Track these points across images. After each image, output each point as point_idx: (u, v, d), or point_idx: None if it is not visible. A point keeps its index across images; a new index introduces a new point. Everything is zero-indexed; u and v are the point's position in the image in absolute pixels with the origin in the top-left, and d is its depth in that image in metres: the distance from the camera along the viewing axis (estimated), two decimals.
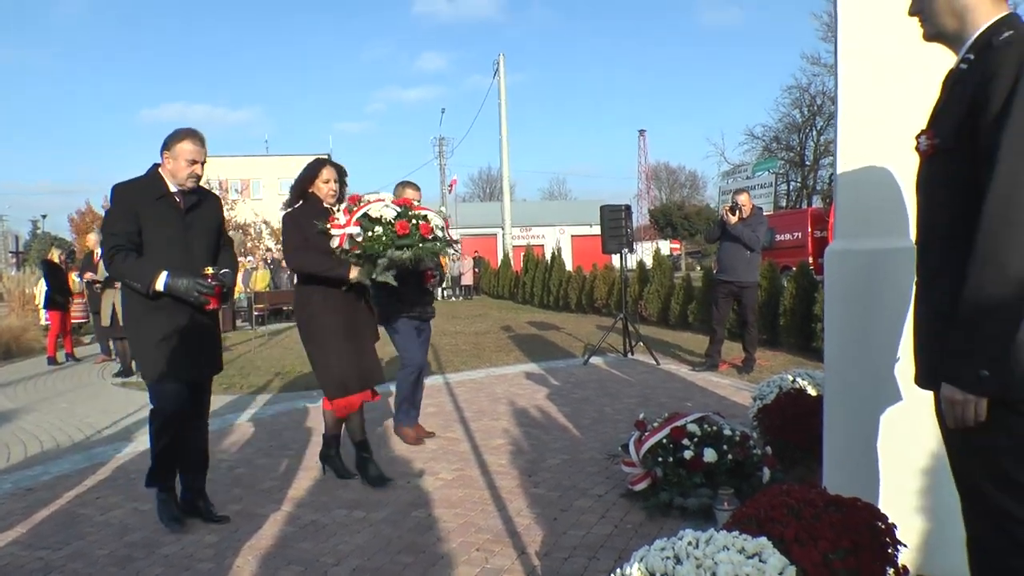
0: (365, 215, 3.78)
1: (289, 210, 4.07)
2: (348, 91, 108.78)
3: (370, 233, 3.73)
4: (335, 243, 3.83)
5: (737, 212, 7.39)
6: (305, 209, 3.98)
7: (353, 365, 3.93)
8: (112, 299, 8.79)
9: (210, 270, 3.36)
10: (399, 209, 3.86)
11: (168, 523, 3.40)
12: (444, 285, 26.36)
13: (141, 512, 3.65)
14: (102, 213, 34.08)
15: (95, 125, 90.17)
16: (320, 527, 3.40)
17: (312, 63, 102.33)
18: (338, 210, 3.91)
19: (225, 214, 3.93)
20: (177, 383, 3.36)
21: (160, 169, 3.42)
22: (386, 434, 5.20)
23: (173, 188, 3.39)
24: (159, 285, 3.22)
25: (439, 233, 4.00)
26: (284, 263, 19.44)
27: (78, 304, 10.99)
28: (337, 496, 3.84)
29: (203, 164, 3.46)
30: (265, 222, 37.21)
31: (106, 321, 8.91)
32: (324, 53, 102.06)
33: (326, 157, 4.16)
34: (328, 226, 3.84)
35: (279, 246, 33.40)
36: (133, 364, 8.83)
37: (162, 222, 3.35)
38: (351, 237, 3.77)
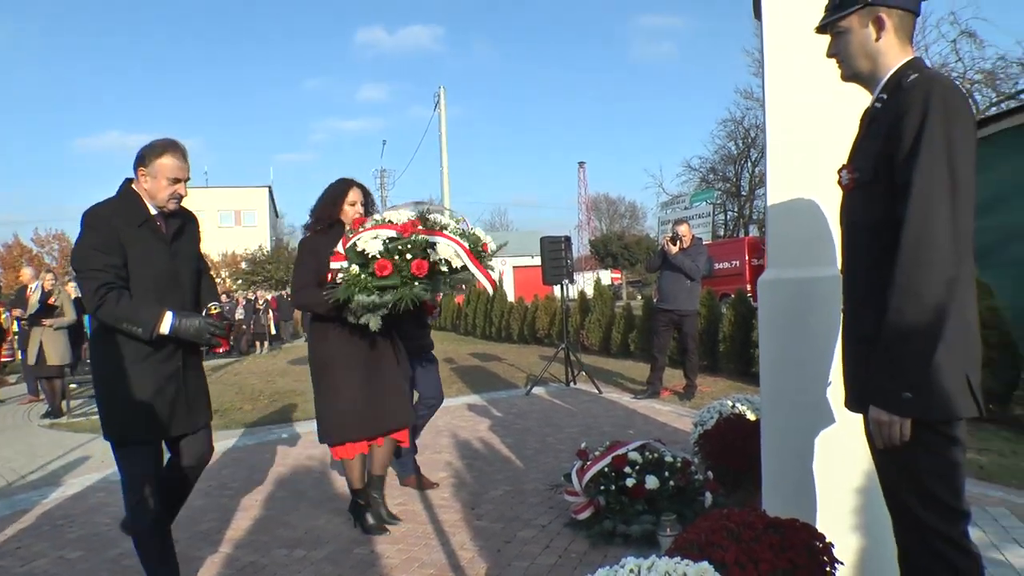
0: (352, 247, 3.20)
1: (306, 236, 3.71)
2: (289, 122, 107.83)
3: (342, 274, 3.17)
4: (330, 276, 3.40)
5: (678, 243, 7.53)
6: (327, 238, 3.55)
7: (357, 409, 3.54)
8: (39, 337, 8.45)
9: (215, 308, 2.95)
10: (391, 238, 3.15)
11: None
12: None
13: (67, 561, 3.47)
14: (31, 246, 32.89)
15: (24, 155, 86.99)
16: (259, 568, 3.29)
17: (252, 93, 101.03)
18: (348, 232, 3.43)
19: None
20: (157, 442, 2.89)
21: (134, 187, 2.90)
22: (327, 469, 5.09)
23: (153, 211, 2.89)
24: (164, 328, 2.74)
25: (454, 262, 3.21)
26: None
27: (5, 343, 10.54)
28: (277, 536, 3.73)
29: (186, 182, 2.97)
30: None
31: (32, 360, 8.53)
32: (264, 83, 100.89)
33: (351, 179, 3.75)
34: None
35: (219, 280, 32.73)
36: (63, 405, 8.48)
37: (148, 253, 2.85)
38: (335, 273, 3.30)
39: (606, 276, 39.54)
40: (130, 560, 3.44)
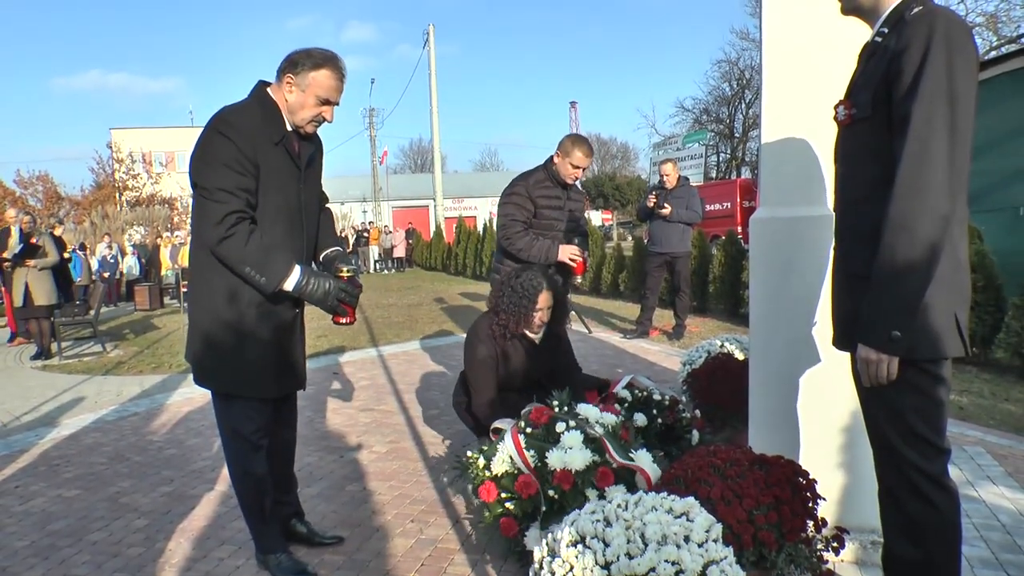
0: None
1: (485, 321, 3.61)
2: (273, 61, 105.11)
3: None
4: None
5: (663, 196, 7.43)
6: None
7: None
8: (24, 278, 8.38)
9: (347, 271, 2.53)
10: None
11: None
12: (376, 258, 26.09)
13: (65, 499, 3.52)
14: (14, 188, 32.36)
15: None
16: None
17: (235, 31, 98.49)
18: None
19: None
20: (268, 400, 2.57)
21: (271, 94, 2.44)
22: (321, 408, 5.15)
23: (288, 127, 2.46)
24: (288, 285, 2.37)
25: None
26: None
27: None
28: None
29: (334, 108, 2.50)
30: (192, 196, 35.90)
31: (18, 301, 8.48)
32: (246, 21, 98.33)
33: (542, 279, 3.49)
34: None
35: None
36: (53, 346, 8.49)
37: (280, 179, 2.43)
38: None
39: (597, 217, 39.42)
40: (128, 498, 3.50)
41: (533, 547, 2.28)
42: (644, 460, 2.59)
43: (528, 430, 2.71)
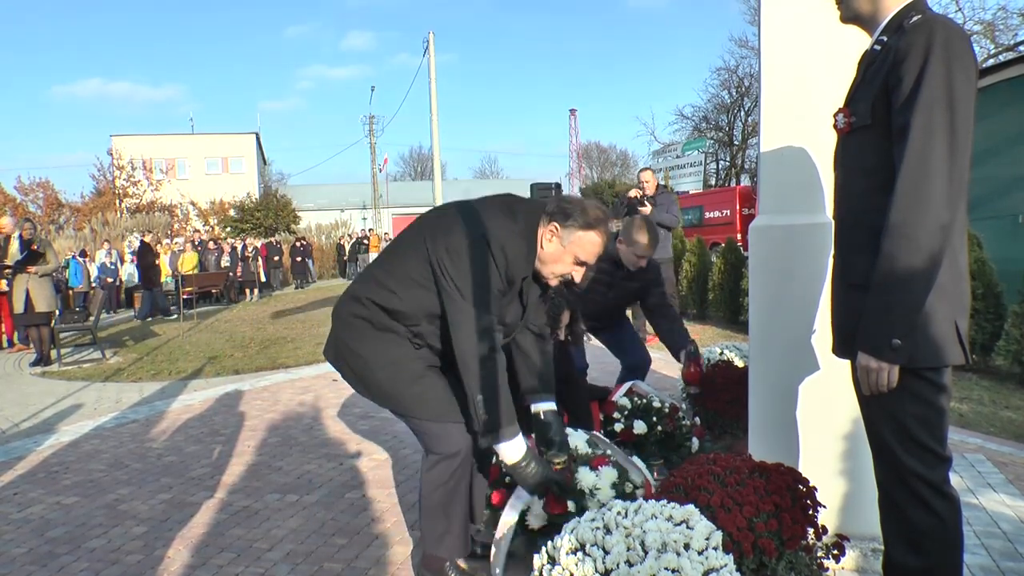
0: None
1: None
2: (273, 69, 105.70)
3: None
4: None
5: (645, 199, 7.45)
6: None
7: None
8: (25, 284, 8.38)
9: (558, 462, 2.43)
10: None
11: None
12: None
13: (64, 506, 3.51)
14: (14, 195, 32.35)
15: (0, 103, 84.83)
16: (253, 513, 3.34)
17: (234, 40, 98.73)
18: None
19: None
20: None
21: (538, 230, 2.31)
22: (320, 415, 5.14)
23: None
24: (506, 450, 2.24)
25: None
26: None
27: None
28: (269, 481, 3.78)
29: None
30: (192, 203, 35.93)
31: (19, 307, 8.48)
32: (246, 30, 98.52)
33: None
34: None
35: (207, 227, 32.43)
36: (52, 353, 8.48)
37: (511, 310, 2.37)
38: None
39: None
40: (126, 505, 3.49)
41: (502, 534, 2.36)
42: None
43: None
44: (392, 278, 2.34)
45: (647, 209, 7.38)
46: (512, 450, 2.23)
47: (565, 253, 2.30)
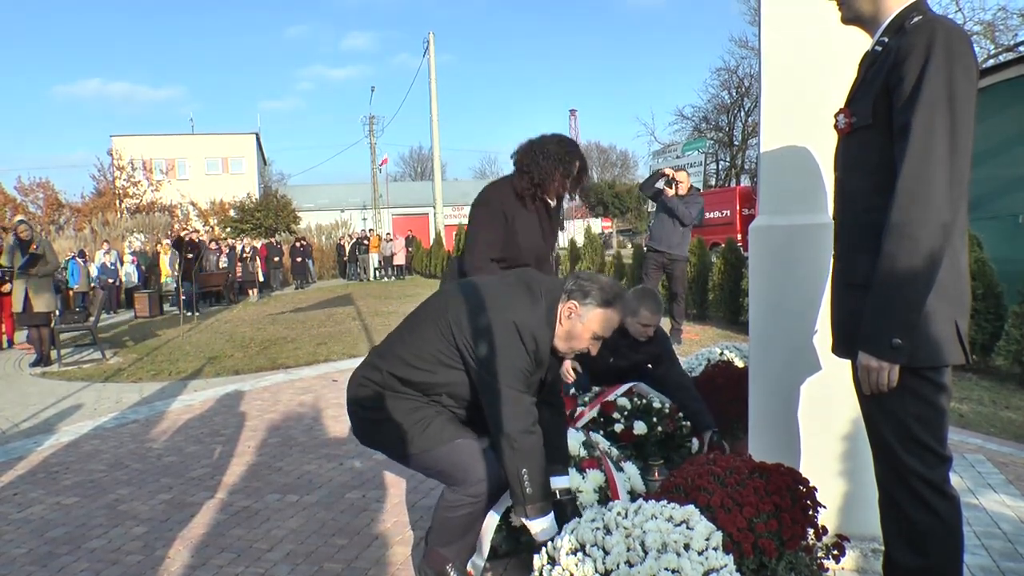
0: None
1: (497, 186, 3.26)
2: (273, 69, 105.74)
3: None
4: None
5: (675, 187, 7.58)
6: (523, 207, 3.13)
7: None
8: (24, 285, 8.39)
9: None
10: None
11: None
12: (375, 265, 26.14)
13: (64, 506, 3.51)
14: (14, 194, 32.34)
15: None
16: (253, 513, 3.34)
17: (234, 40, 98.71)
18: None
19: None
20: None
21: (559, 305, 2.36)
22: (320, 415, 5.14)
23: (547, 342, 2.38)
24: (536, 522, 2.24)
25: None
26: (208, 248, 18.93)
27: None
28: (270, 481, 3.78)
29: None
30: (192, 203, 35.92)
31: (18, 307, 8.50)
32: (246, 30, 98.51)
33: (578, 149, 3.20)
34: None
35: (207, 228, 32.41)
36: (52, 353, 8.48)
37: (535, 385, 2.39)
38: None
39: (597, 224, 39.43)
40: (126, 506, 3.49)
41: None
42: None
43: None
44: (419, 359, 2.35)
45: (671, 191, 7.49)
46: (543, 527, 2.24)
47: (584, 330, 2.35)
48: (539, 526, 2.24)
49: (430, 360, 2.34)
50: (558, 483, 2.47)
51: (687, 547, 1.79)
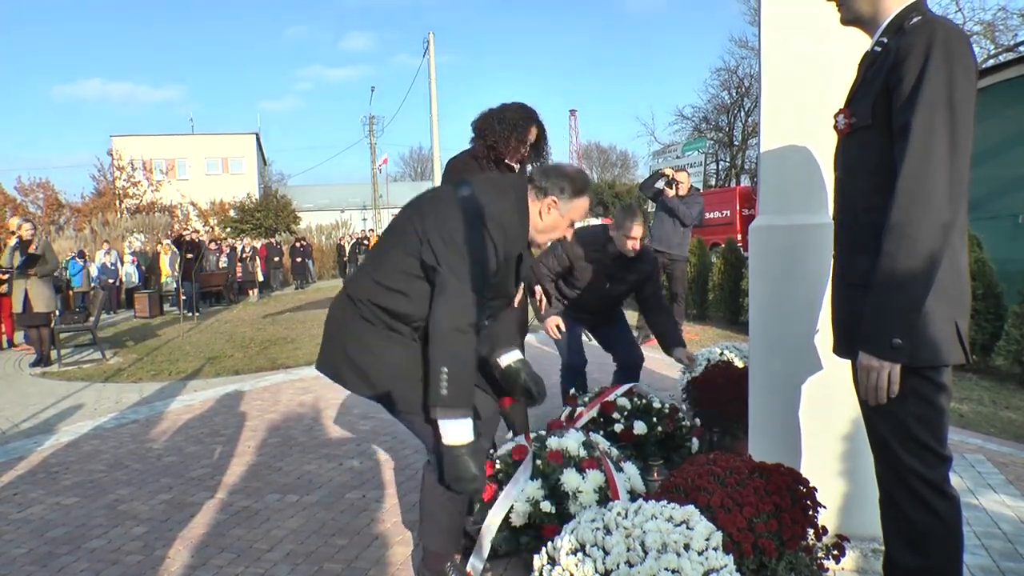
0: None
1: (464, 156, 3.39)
2: (273, 70, 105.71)
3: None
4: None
5: (675, 187, 7.61)
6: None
7: None
8: (24, 285, 8.39)
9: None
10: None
11: None
12: None
13: (64, 507, 3.51)
14: (14, 195, 32.34)
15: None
16: (253, 513, 3.34)
17: (234, 41, 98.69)
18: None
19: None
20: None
21: (529, 201, 2.38)
22: (320, 415, 5.14)
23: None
24: (450, 429, 2.13)
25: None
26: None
27: None
28: (270, 481, 3.78)
29: None
30: (192, 203, 35.92)
31: (17, 307, 8.50)
32: (246, 30, 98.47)
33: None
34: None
35: (207, 228, 32.39)
36: (52, 353, 8.48)
37: (500, 283, 2.36)
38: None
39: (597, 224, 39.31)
40: (126, 506, 3.49)
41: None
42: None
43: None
44: (390, 277, 2.31)
45: (671, 192, 7.55)
46: (457, 432, 2.13)
47: (564, 221, 2.41)
48: (449, 429, 2.11)
49: (405, 278, 2.28)
50: (508, 358, 2.55)
51: (687, 547, 1.79)
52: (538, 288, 3.96)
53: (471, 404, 2.18)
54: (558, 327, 3.93)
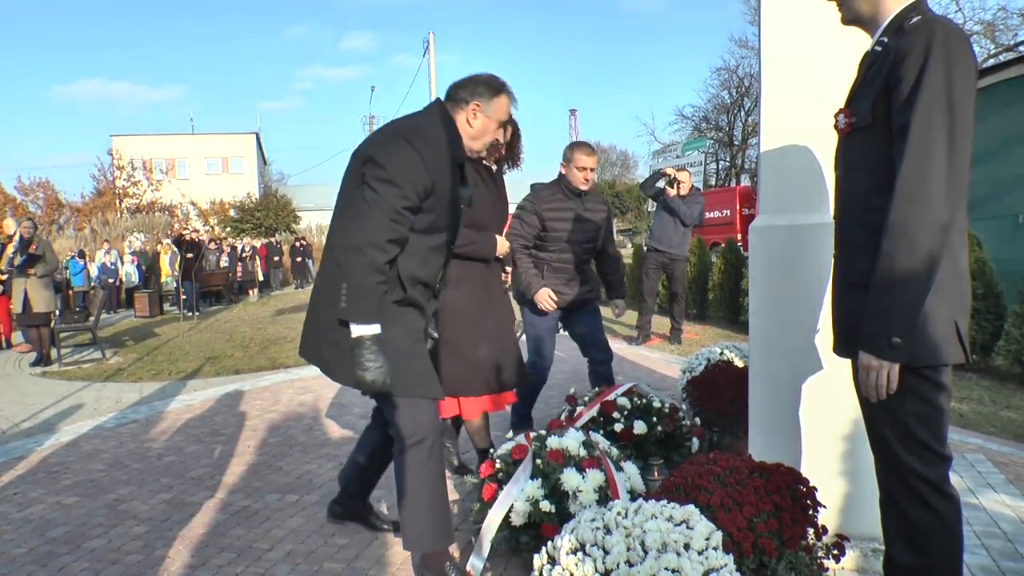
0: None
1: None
2: (273, 69, 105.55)
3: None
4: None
5: (676, 187, 7.62)
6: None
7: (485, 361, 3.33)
8: (23, 285, 8.39)
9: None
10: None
11: None
12: None
13: (64, 506, 3.51)
14: (14, 194, 32.36)
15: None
16: (253, 513, 3.34)
17: (234, 40, 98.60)
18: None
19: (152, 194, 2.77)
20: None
21: (454, 117, 2.48)
22: (321, 415, 5.14)
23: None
24: (356, 331, 2.25)
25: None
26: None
27: None
28: (270, 481, 3.78)
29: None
30: (192, 203, 35.92)
31: (17, 307, 8.50)
32: (246, 30, 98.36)
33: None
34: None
35: (207, 227, 32.41)
36: (52, 353, 8.48)
37: (444, 200, 2.43)
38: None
39: None
40: (126, 505, 3.49)
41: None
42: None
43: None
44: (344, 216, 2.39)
45: (672, 192, 7.59)
46: (365, 329, 2.23)
47: (491, 122, 2.52)
48: (354, 328, 2.24)
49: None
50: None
51: (687, 547, 1.79)
52: (541, 297, 3.99)
53: (375, 315, 2.25)
54: (550, 297, 4.00)
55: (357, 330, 2.24)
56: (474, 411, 3.44)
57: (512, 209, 3.84)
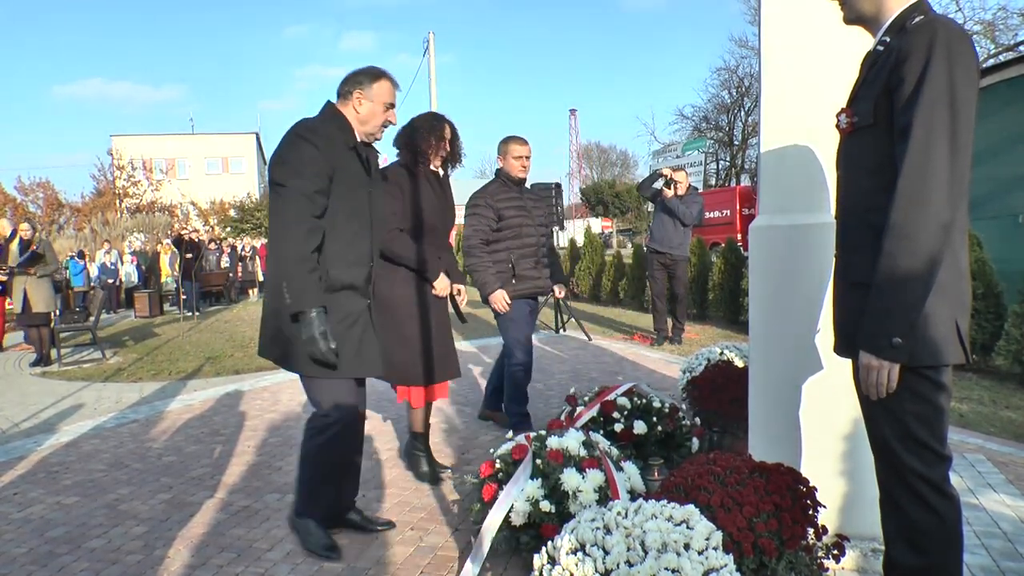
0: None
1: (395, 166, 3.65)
2: (273, 69, 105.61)
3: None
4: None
5: (673, 187, 7.62)
6: (413, 177, 3.55)
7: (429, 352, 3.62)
8: (23, 285, 8.39)
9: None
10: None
11: (326, 553, 2.82)
12: None
13: (64, 506, 3.51)
14: (15, 195, 32.35)
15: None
16: (253, 512, 3.34)
17: (234, 40, 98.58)
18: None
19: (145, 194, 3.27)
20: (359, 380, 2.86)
21: (340, 110, 2.76)
22: None
23: (358, 139, 2.78)
24: (303, 310, 2.54)
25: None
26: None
27: None
28: (269, 481, 3.78)
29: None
30: (192, 203, 35.93)
31: (17, 307, 8.50)
32: (246, 30, 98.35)
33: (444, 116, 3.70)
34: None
35: (207, 227, 32.40)
36: (52, 353, 8.48)
37: (350, 184, 2.69)
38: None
39: (596, 224, 39.47)
40: (126, 505, 3.49)
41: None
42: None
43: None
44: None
45: (670, 193, 7.62)
46: (311, 312, 2.53)
47: (376, 105, 2.77)
48: (303, 315, 2.53)
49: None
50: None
51: (687, 547, 1.79)
52: (496, 299, 4.25)
53: (317, 300, 2.54)
54: (505, 300, 4.23)
55: (304, 316, 2.52)
56: (420, 400, 3.71)
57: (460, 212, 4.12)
